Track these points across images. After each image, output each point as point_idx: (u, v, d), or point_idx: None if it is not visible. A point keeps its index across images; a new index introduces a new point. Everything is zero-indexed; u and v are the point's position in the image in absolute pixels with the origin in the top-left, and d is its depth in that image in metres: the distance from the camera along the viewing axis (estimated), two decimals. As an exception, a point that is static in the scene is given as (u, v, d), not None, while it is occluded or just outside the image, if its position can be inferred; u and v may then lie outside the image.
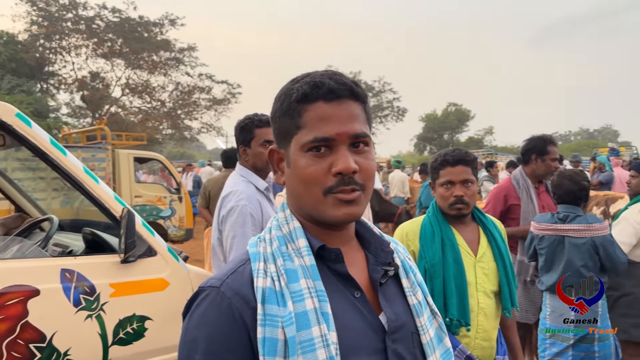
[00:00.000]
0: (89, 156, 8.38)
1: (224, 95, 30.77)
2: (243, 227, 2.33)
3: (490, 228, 2.16)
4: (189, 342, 0.83)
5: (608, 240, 2.92)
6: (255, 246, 0.91)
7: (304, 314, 0.81)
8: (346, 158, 0.85)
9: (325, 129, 0.86)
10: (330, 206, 0.87)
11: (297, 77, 0.93)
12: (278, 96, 0.93)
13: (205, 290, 0.85)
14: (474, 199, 2.12)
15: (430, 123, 55.20)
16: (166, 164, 9.68)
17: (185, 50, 29.57)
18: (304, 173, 0.87)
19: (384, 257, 0.96)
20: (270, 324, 0.80)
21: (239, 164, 2.63)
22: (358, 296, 0.89)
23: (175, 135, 31.55)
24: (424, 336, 0.95)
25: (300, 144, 0.88)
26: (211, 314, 0.82)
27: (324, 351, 0.79)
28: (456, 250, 2.06)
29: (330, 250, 0.89)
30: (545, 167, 3.53)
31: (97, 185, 2.53)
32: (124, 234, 2.41)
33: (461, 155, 2.12)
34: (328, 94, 0.87)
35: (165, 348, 2.62)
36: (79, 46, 28.31)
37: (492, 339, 2.08)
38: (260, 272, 0.85)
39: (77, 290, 2.34)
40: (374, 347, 0.87)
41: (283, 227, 0.93)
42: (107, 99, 28.92)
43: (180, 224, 9.30)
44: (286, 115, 0.90)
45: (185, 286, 2.73)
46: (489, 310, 2.07)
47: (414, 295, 0.97)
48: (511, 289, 2.10)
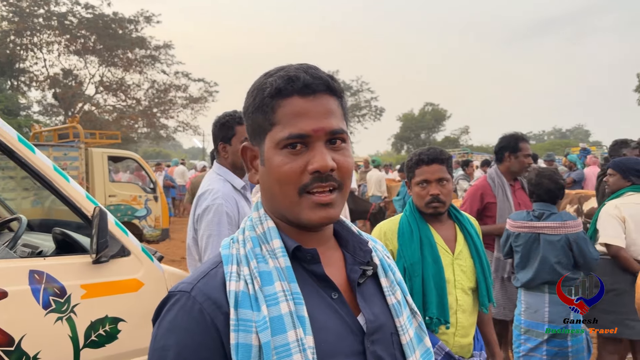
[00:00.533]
0: (61, 155, 8.19)
1: (201, 94, 30.54)
2: (219, 226, 2.30)
3: (467, 225, 2.18)
4: (159, 349, 0.79)
5: (581, 237, 2.98)
6: (228, 248, 0.88)
7: (279, 318, 0.78)
8: (323, 155, 0.82)
9: (301, 125, 0.82)
10: (306, 209, 0.83)
11: (271, 70, 0.88)
12: (250, 91, 0.89)
13: (175, 295, 0.82)
14: (449, 197, 2.14)
15: (407, 122, 55.77)
16: (141, 163, 9.52)
17: (161, 47, 29.21)
18: (278, 171, 0.83)
19: (362, 256, 0.93)
20: (244, 329, 0.77)
21: (216, 162, 2.59)
22: (335, 297, 0.87)
23: (151, 134, 31.13)
24: (404, 336, 0.92)
25: (275, 141, 0.84)
26: (182, 320, 0.78)
27: (301, 356, 0.76)
28: (434, 248, 2.08)
29: (306, 251, 0.86)
30: (519, 164, 3.61)
31: (67, 183, 2.46)
32: (95, 233, 2.35)
33: (436, 154, 2.13)
34: (303, 88, 0.83)
35: (140, 350, 2.57)
36: (51, 43, 27.70)
37: (470, 335, 2.10)
38: (233, 275, 0.81)
39: (46, 292, 2.27)
40: (353, 350, 0.84)
41: (257, 227, 0.89)
42: (81, 96, 28.34)
43: (156, 224, 9.17)
44: (259, 110, 0.86)
45: (160, 287, 2.68)
46: (466, 307, 2.09)
47: (393, 295, 0.95)
48: (488, 285, 2.13)
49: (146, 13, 28.24)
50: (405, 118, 56.58)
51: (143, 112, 29.52)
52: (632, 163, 3.40)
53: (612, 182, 3.46)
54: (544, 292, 3.02)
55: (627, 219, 3.20)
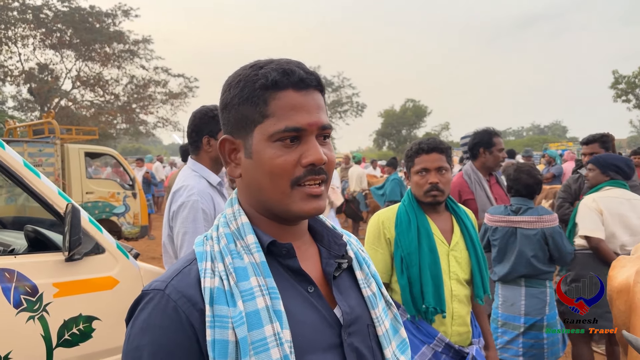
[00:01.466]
0: (36, 151, 8.02)
1: (181, 89, 30.13)
2: (194, 223, 2.26)
3: (463, 217, 2.20)
4: (133, 350, 0.77)
5: (557, 231, 3.04)
6: (202, 245, 0.87)
7: (255, 313, 0.78)
8: (317, 149, 0.83)
9: (297, 118, 0.83)
10: (298, 200, 0.84)
11: (258, 62, 0.87)
12: (235, 82, 0.87)
13: (149, 294, 0.80)
14: (448, 187, 2.15)
15: (388, 119, 55.99)
16: (119, 159, 9.37)
17: (139, 42, 28.72)
18: (271, 164, 0.83)
19: (337, 249, 0.94)
20: (220, 325, 0.76)
21: (191, 158, 2.55)
22: (312, 291, 0.87)
23: (130, 130, 30.68)
24: (380, 328, 0.94)
25: (268, 134, 0.83)
26: (156, 319, 0.77)
27: (278, 350, 0.76)
28: (431, 238, 2.09)
29: (282, 246, 0.86)
30: (493, 159, 3.65)
31: (38, 180, 2.40)
32: (68, 230, 2.30)
33: (436, 144, 2.15)
34: (299, 82, 0.84)
35: (115, 349, 2.53)
36: (25, 36, 27.02)
37: (468, 324, 2.14)
38: (207, 271, 0.81)
39: (17, 290, 2.22)
40: (330, 342, 0.85)
41: (231, 223, 0.89)
42: (57, 91, 27.76)
43: (134, 221, 9.04)
44: (248, 102, 0.85)
45: (135, 284, 2.64)
46: (462, 297, 2.12)
47: (368, 287, 0.96)
48: (483, 276, 2.15)
49: (124, 7, 27.78)
50: (386, 114, 56.79)
51: (122, 107, 29.04)
52: (611, 159, 3.48)
53: (591, 177, 3.54)
54: (520, 285, 3.07)
55: (604, 212, 3.27)
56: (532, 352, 3.00)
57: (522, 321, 3.00)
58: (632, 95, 32.21)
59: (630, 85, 31.92)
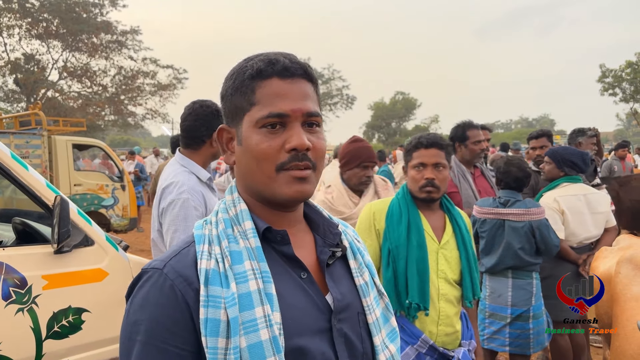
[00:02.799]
0: (23, 142, 7.93)
1: (170, 81, 29.81)
2: (185, 221, 2.21)
3: (457, 217, 2.16)
4: (131, 324, 0.82)
5: (544, 224, 3.09)
6: (201, 229, 0.90)
7: (247, 295, 0.81)
8: (300, 135, 0.86)
9: (280, 105, 0.86)
10: (283, 184, 0.87)
11: (250, 56, 0.92)
12: (230, 75, 0.92)
13: (147, 272, 0.85)
14: (444, 184, 2.11)
15: (378, 111, 56.02)
16: (108, 151, 9.30)
17: (127, 33, 28.36)
18: (256, 149, 0.86)
19: (332, 238, 0.97)
20: (213, 305, 0.79)
21: (179, 152, 2.50)
22: (304, 277, 0.90)
23: (119, 122, 30.31)
24: (370, 316, 0.96)
25: (254, 120, 0.87)
26: (153, 296, 0.81)
27: (267, 331, 0.79)
28: (421, 234, 2.06)
29: (276, 232, 0.89)
30: (469, 152, 3.65)
31: (26, 172, 2.39)
32: (57, 223, 2.29)
33: (436, 139, 2.11)
34: (283, 71, 0.87)
35: (105, 340, 2.54)
36: (11, 26, 26.54)
37: (456, 324, 2.08)
38: (204, 253, 0.84)
39: (6, 283, 2.22)
40: (319, 327, 0.88)
41: (230, 209, 0.92)
42: (43, 82, 27.35)
43: (123, 213, 9.00)
44: (238, 92, 0.89)
45: (125, 276, 2.64)
46: (450, 297, 2.07)
47: (360, 276, 0.99)
48: (473, 278, 2.10)
49: (111, -4, 27.39)
50: (376, 107, 56.82)
51: (110, 99, 28.68)
52: (567, 154, 3.50)
53: (547, 170, 3.58)
54: (507, 277, 3.11)
55: (565, 212, 3.35)
56: (518, 342, 3.05)
57: (509, 312, 3.05)
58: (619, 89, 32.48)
59: (617, 79, 32.15)
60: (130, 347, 0.81)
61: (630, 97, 32.18)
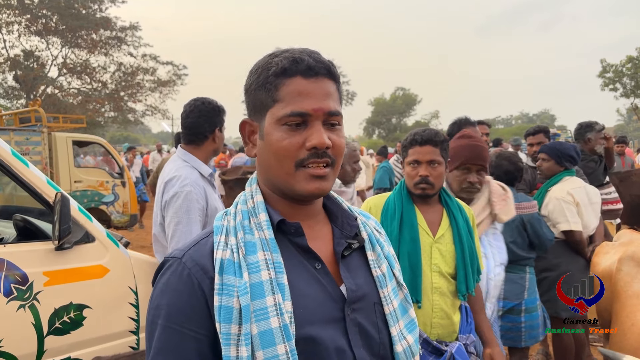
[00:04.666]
0: (23, 139, 7.93)
1: (170, 77, 29.77)
2: (188, 213, 2.26)
3: (454, 211, 2.16)
4: (154, 308, 0.88)
5: (535, 218, 3.10)
6: (221, 220, 0.94)
7: (259, 284, 0.84)
8: (320, 133, 0.88)
9: (303, 104, 0.88)
10: (301, 180, 0.89)
11: (276, 51, 0.94)
12: (254, 69, 0.94)
13: (169, 261, 0.91)
14: (440, 180, 2.12)
15: (379, 107, 55.99)
16: (108, 148, 9.30)
17: (127, 29, 28.29)
18: (277, 146, 0.89)
19: (349, 230, 1.00)
20: (227, 293, 0.83)
21: (181, 148, 2.54)
22: (319, 268, 0.92)
23: (119, 118, 30.27)
24: (387, 307, 0.98)
25: (277, 117, 0.90)
26: (173, 283, 0.87)
27: (277, 319, 0.82)
28: (414, 228, 2.08)
29: (290, 225, 0.92)
30: None
31: (27, 169, 2.39)
32: (58, 219, 2.29)
33: (430, 136, 2.11)
34: (307, 70, 0.89)
35: (107, 336, 2.55)
36: (10, 23, 26.47)
37: (452, 317, 2.08)
38: (220, 244, 0.89)
39: (7, 279, 2.22)
40: (333, 316, 0.90)
41: (248, 201, 0.96)
42: (43, 79, 27.29)
43: (124, 210, 9.00)
44: (262, 88, 0.92)
45: (126, 272, 2.65)
46: (445, 290, 2.07)
47: (378, 268, 1.00)
48: (467, 273, 2.09)
49: (110, -8, 27.28)
50: (376, 102, 56.79)
51: (110, 95, 28.65)
52: (565, 149, 3.53)
53: (547, 167, 3.58)
54: None
55: (579, 204, 3.35)
56: (510, 335, 3.07)
57: (501, 305, 3.06)
58: (620, 84, 32.45)
59: (618, 74, 32.13)
60: (153, 330, 0.87)
61: (630, 92, 32.16)
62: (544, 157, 3.59)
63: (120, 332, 2.60)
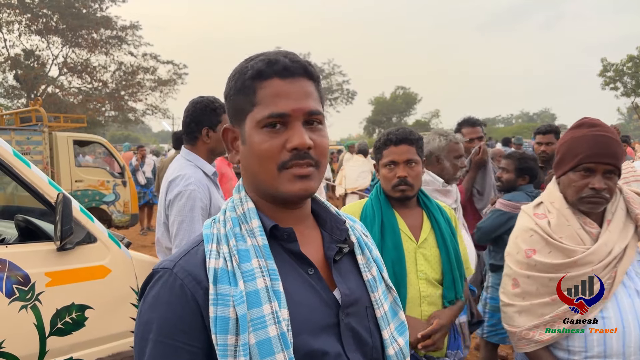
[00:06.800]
0: (24, 139, 7.93)
1: (170, 76, 29.81)
2: (191, 212, 2.27)
3: (435, 213, 2.04)
4: (144, 323, 0.84)
5: None
6: (210, 228, 0.92)
7: (255, 292, 0.82)
8: (301, 134, 0.86)
9: (281, 105, 0.87)
10: (285, 182, 0.88)
11: (252, 56, 0.93)
12: (232, 75, 0.93)
13: (158, 272, 0.87)
14: (418, 181, 2.02)
15: (379, 106, 55.99)
16: (108, 147, 9.30)
17: (127, 28, 28.31)
18: (259, 149, 0.88)
19: (339, 234, 0.98)
20: (222, 303, 0.81)
21: (185, 147, 2.55)
22: (312, 273, 0.91)
23: (119, 118, 30.31)
24: (378, 310, 0.98)
25: (256, 120, 0.88)
26: (164, 296, 0.83)
27: (275, 327, 0.81)
28: (397, 235, 1.95)
29: (283, 230, 0.90)
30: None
31: (28, 169, 2.39)
32: (59, 220, 2.30)
33: (405, 134, 2.01)
34: (283, 71, 0.88)
35: (108, 337, 2.55)
36: (11, 22, 26.49)
37: None
38: (212, 253, 0.86)
39: (9, 280, 2.22)
40: (327, 322, 0.89)
41: (237, 208, 0.94)
42: (43, 78, 27.32)
43: (125, 209, 9.00)
44: (240, 92, 0.90)
45: (127, 273, 2.65)
46: (434, 298, 1.94)
47: (368, 271, 1.00)
48: (455, 277, 1.96)
49: (111, -9, 27.29)
50: (377, 101, 56.79)
51: (110, 94, 28.68)
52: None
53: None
54: None
55: None
56: None
57: None
58: (620, 83, 32.43)
59: (618, 73, 32.12)
60: (144, 346, 0.83)
61: (631, 91, 32.15)
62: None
63: (122, 333, 2.60)
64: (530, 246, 1.77)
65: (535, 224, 1.78)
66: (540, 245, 1.75)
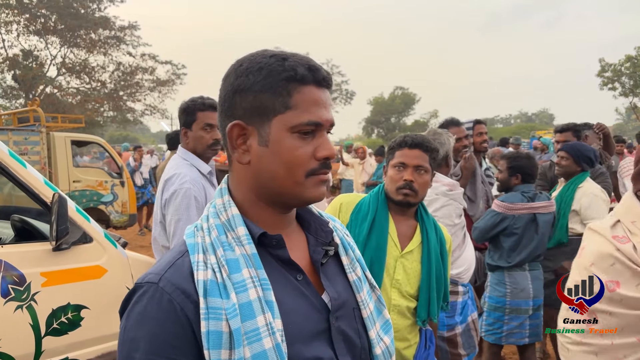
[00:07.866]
0: (21, 139, 7.90)
1: (168, 76, 29.77)
2: (187, 210, 2.29)
3: (429, 229, 1.98)
4: (129, 341, 0.79)
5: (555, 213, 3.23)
6: (193, 236, 0.87)
7: (248, 304, 0.80)
8: (330, 144, 0.89)
9: (318, 114, 0.87)
10: (311, 187, 0.88)
11: (279, 54, 0.88)
12: (255, 69, 0.86)
13: (142, 287, 0.82)
14: (424, 190, 1.95)
15: (378, 106, 55.94)
16: (107, 147, 9.29)
17: (126, 28, 28.27)
18: (290, 155, 0.86)
19: (324, 237, 0.97)
20: (214, 317, 0.78)
21: (181, 147, 2.56)
22: (300, 279, 0.90)
23: (118, 118, 30.27)
24: (365, 310, 0.98)
25: (290, 125, 0.85)
26: (151, 311, 0.78)
27: (270, 339, 0.79)
28: (383, 236, 1.92)
29: (272, 237, 0.88)
30: None
31: (24, 169, 2.39)
32: (55, 220, 2.30)
33: (421, 140, 1.96)
34: (322, 80, 0.88)
35: (104, 337, 2.55)
36: (9, 22, 26.45)
37: (410, 340, 1.93)
38: (200, 264, 0.82)
39: (5, 280, 2.22)
40: (319, 328, 0.88)
41: (221, 214, 0.89)
42: (42, 78, 27.28)
43: (123, 209, 8.98)
44: (269, 91, 0.85)
45: (124, 273, 2.65)
46: (404, 309, 1.91)
47: (353, 272, 1.00)
48: (431, 297, 1.91)
49: (109, -8, 27.26)
50: (375, 102, 56.75)
51: (109, 95, 28.64)
52: (585, 150, 3.55)
53: (565, 165, 3.59)
54: (525, 269, 3.16)
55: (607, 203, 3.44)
56: (536, 332, 3.15)
57: (531, 304, 3.12)
58: (618, 83, 32.47)
59: (616, 73, 32.16)
60: None
61: (629, 91, 32.18)
62: (563, 155, 3.62)
63: (118, 333, 2.60)
64: (613, 278, 1.43)
65: (617, 249, 1.39)
66: (625, 277, 1.40)
